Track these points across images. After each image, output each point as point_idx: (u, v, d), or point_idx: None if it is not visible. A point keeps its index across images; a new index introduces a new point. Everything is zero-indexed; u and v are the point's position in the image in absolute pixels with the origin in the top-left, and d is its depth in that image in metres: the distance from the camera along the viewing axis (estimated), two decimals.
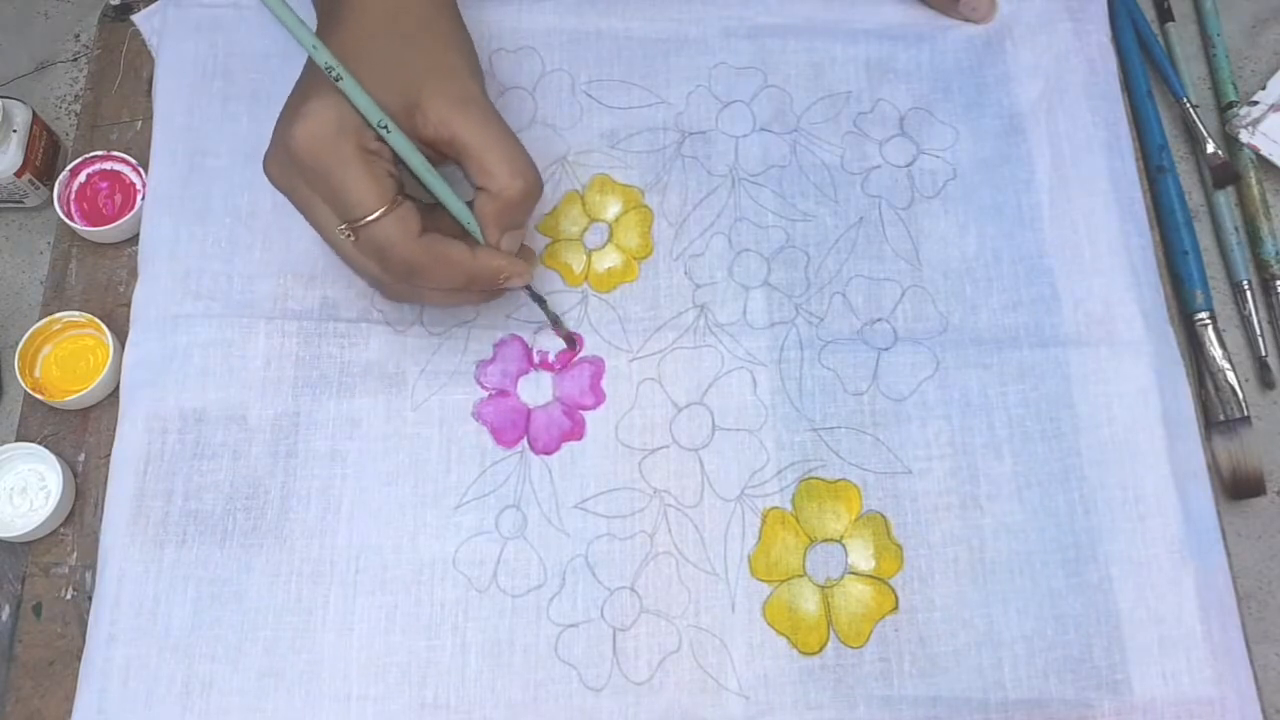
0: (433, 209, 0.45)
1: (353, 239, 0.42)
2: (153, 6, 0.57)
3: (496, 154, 0.43)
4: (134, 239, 0.54)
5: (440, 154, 0.44)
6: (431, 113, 0.43)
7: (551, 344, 0.51)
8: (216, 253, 0.52)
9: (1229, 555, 0.49)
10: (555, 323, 0.50)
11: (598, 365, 0.51)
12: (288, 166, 0.42)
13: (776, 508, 0.48)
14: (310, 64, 0.44)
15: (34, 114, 0.57)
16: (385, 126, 0.42)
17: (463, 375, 0.50)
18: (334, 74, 0.41)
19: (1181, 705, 0.46)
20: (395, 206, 0.42)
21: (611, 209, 0.54)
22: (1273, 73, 0.61)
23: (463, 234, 0.45)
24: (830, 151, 0.55)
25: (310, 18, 0.46)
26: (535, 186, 0.44)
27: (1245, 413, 0.54)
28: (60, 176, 0.54)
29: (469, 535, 0.48)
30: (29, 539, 0.49)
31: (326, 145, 0.41)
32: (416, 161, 0.43)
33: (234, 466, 0.48)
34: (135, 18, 0.57)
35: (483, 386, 0.50)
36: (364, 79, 0.42)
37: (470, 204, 0.45)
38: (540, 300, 0.49)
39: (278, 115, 0.44)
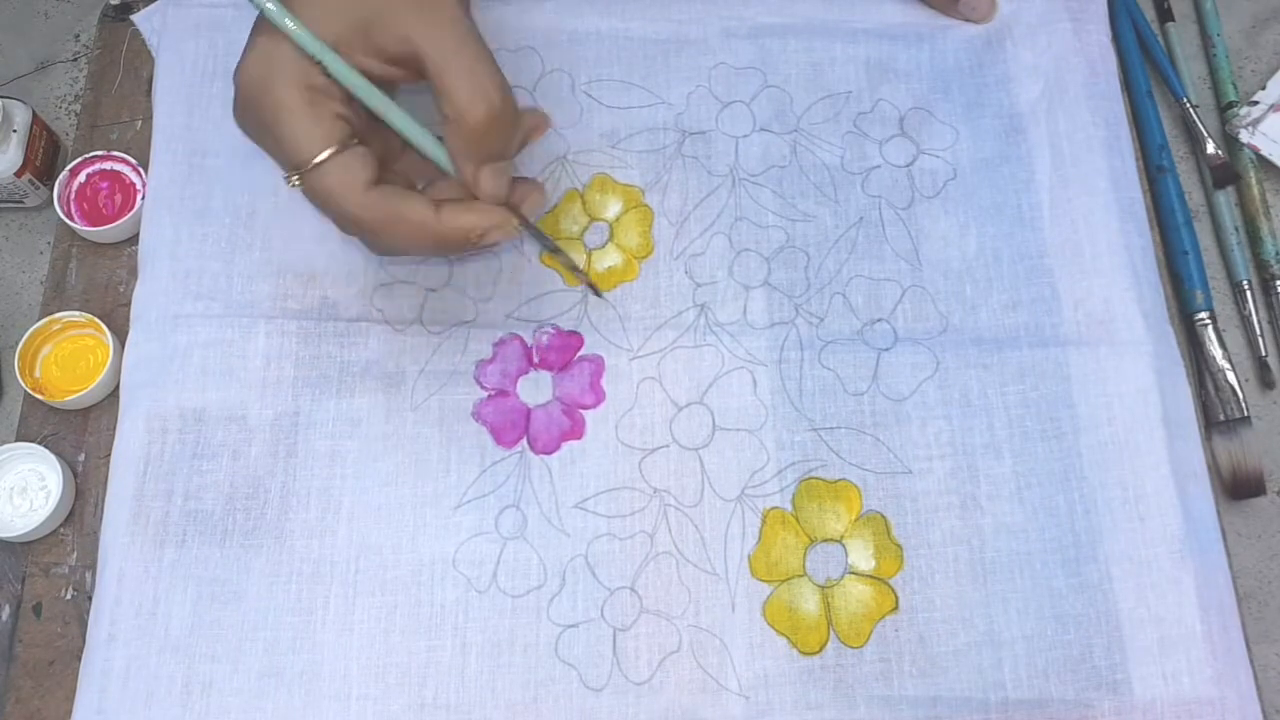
0: (401, 157, 0.41)
1: (300, 186, 0.38)
2: (153, 6, 0.57)
3: (457, 70, 0.37)
4: (134, 239, 0.54)
5: (411, 75, 0.39)
6: (391, 24, 0.38)
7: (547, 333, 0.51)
8: (216, 253, 0.52)
9: (1229, 555, 0.49)
10: (572, 268, 0.47)
11: (597, 364, 0.51)
12: (243, 110, 0.39)
13: (777, 508, 0.48)
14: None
15: (34, 114, 0.57)
16: (321, 55, 0.37)
17: (462, 375, 0.50)
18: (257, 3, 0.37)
19: (1181, 705, 0.46)
20: (340, 151, 0.37)
21: (612, 208, 0.54)
22: (1273, 73, 0.61)
23: (443, 190, 0.41)
24: (830, 151, 0.55)
25: None
26: (502, 108, 0.38)
27: (1245, 413, 0.54)
28: (60, 176, 0.54)
29: (469, 535, 0.48)
30: (29, 539, 0.49)
31: (264, 84, 0.37)
32: (359, 85, 0.38)
33: (234, 466, 0.48)
34: (135, 18, 0.57)
35: (482, 386, 0.50)
36: (321, 3, 0.38)
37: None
38: (548, 243, 0.45)
39: None
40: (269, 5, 0.37)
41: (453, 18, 0.38)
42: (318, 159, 0.37)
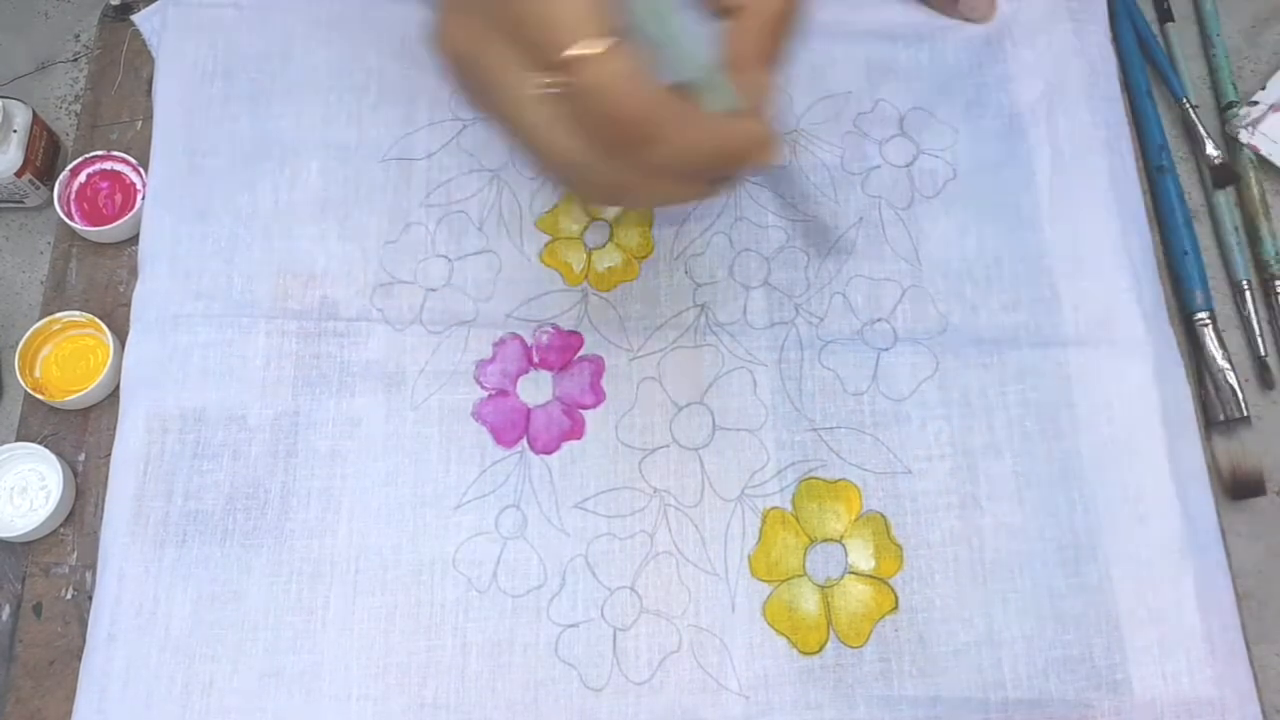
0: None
1: (564, 89, 0.31)
2: (153, 6, 0.57)
3: None
4: (134, 239, 0.54)
5: None
6: None
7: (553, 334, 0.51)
8: (216, 252, 0.52)
9: (1229, 555, 0.49)
10: (804, 205, 0.42)
11: (597, 364, 0.51)
12: (472, 22, 0.33)
13: (776, 507, 0.48)
14: None
15: (34, 114, 0.57)
16: None
17: (462, 375, 0.50)
18: None
19: (1181, 705, 0.46)
20: (619, 43, 0.31)
21: (612, 208, 0.54)
22: (1273, 73, 0.61)
23: None
24: (830, 151, 0.55)
25: None
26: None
27: (1245, 413, 0.54)
28: (60, 176, 0.54)
29: (469, 535, 0.48)
30: (29, 539, 0.49)
31: None
32: None
33: (234, 466, 0.48)
34: (135, 18, 0.57)
35: (482, 386, 0.50)
36: None
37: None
38: (790, 179, 0.41)
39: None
40: None
41: None
42: (600, 46, 0.31)
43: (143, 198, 0.53)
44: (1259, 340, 0.56)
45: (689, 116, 0.32)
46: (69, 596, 0.49)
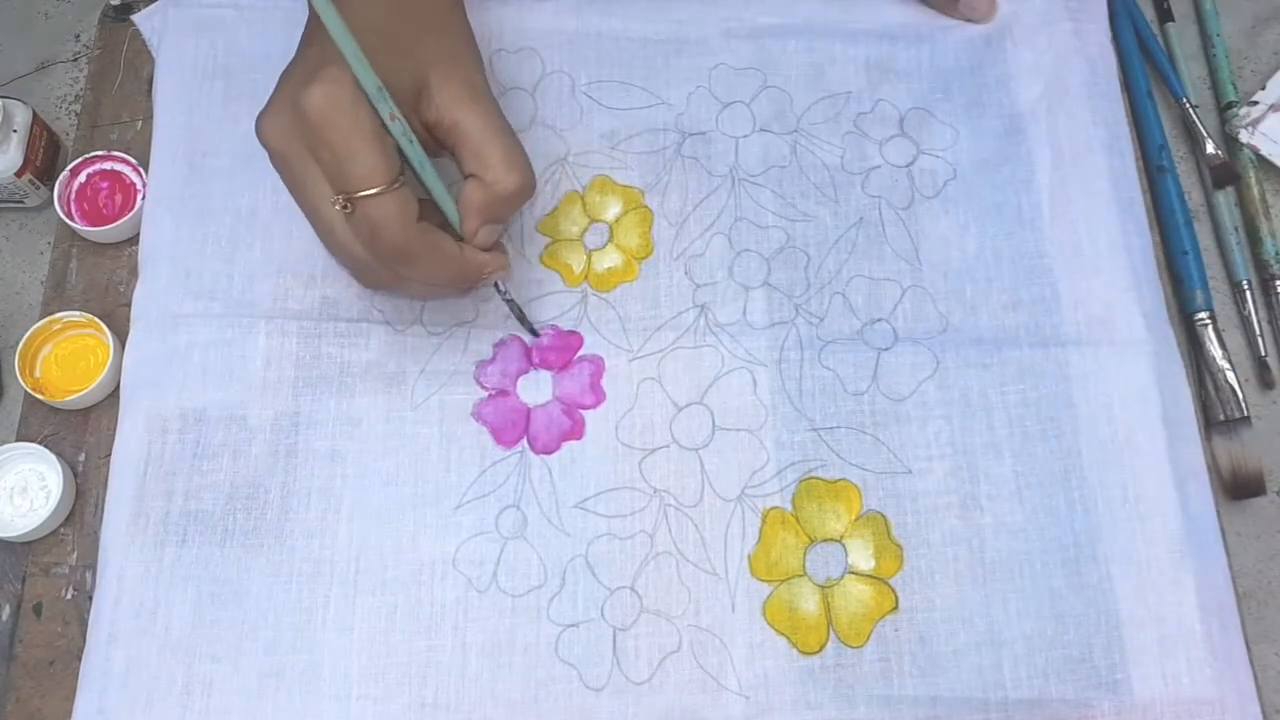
0: (423, 202, 0.44)
1: (348, 211, 0.41)
2: (153, 6, 0.57)
3: (497, 146, 0.43)
4: (134, 239, 0.54)
5: (437, 142, 0.44)
6: (438, 97, 0.42)
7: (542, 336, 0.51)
8: (217, 252, 0.52)
9: (1229, 555, 0.49)
10: (521, 319, 0.50)
11: (598, 364, 0.51)
12: (291, 128, 0.41)
13: (776, 507, 0.48)
14: (321, 33, 0.41)
15: (34, 114, 0.57)
16: (381, 90, 0.40)
17: (462, 375, 0.50)
18: (352, 61, 0.39)
19: (1181, 705, 0.46)
20: (396, 187, 0.41)
21: (612, 209, 0.54)
22: (1273, 73, 0.61)
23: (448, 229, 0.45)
24: (830, 152, 0.55)
25: None
26: (529, 184, 0.44)
27: (1245, 413, 0.54)
28: (60, 176, 0.54)
29: (469, 535, 0.48)
30: (29, 539, 0.49)
31: (343, 109, 0.39)
32: (414, 150, 0.42)
33: (234, 466, 0.48)
34: (135, 18, 0.57)
35: (482, 386, 0.50)
36: (377, 55, 0.40)
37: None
38: (510, 299, 0.49)
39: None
40: (351, 45, 0.39)
41: (492, 101, 0.44)
42: (377, 189, 0.40)
43: (143, 198, 0.53)
44: (1259, 340, 0.56)
45: (435, 249, 0.42)
46: (69, 596, 0.49)
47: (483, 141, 0.43)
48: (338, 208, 0.41)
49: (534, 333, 0.51)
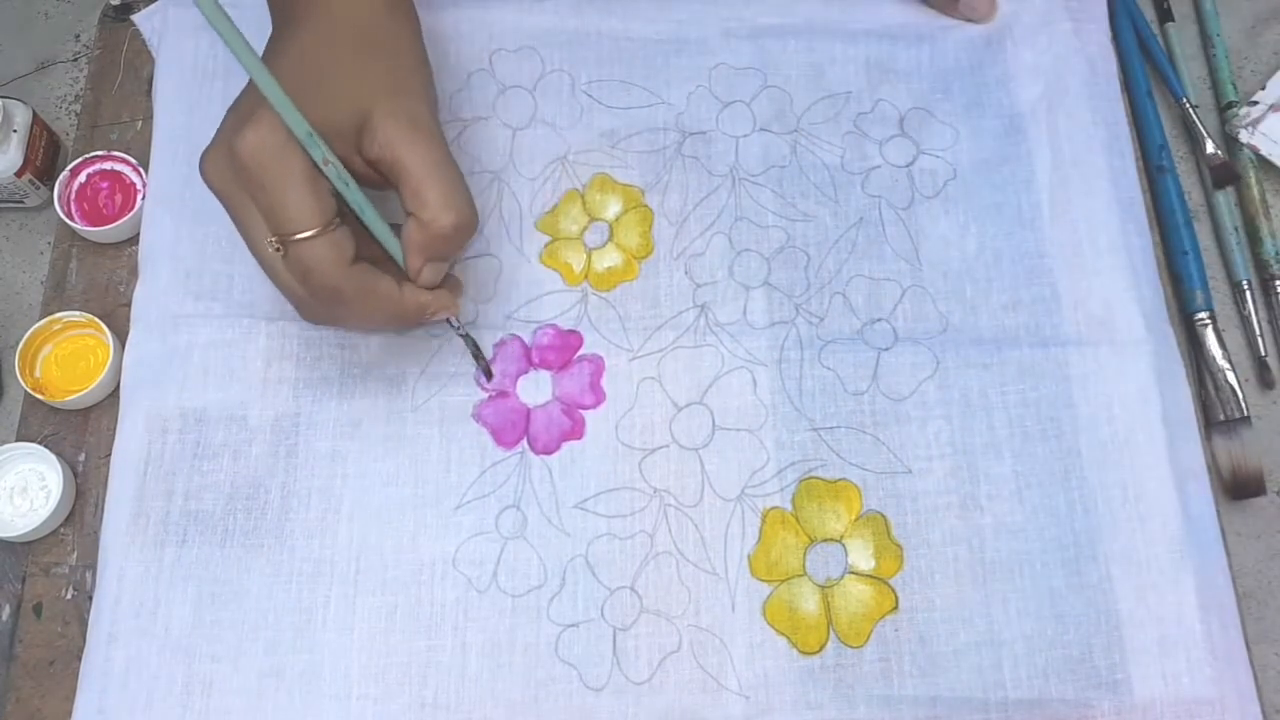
0: (368, 239, 0.44)
1: (282, 254, 0.41)
2: (153, 6, 0.57)
3: (435, 183, 0.42)
4: (134, 239, 0.54)
5: (381, 176, 0.43)
6: (380, 134, 0.41)
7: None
8: (217, 253, 0.52)
9: (1229, 555, 0.49)
10: (476, 356, 0.49)
11: (597, 364, 0.51)
12: (228, 170, 0.41)
13: (776, 507, 0.48)
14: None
15: (34, 114, 0.57)
16: (311, 136, 0.40)
17: (462, 376, 0.50)
18: (276, 103, 0.39)
19: (1181, 705, 0.46)
20: (330, 229, 0.41)
21: (612, 208, 0.54)
22: (1273, 73, 0.61)
23: (392, 265, 0.44)
24: (830, 152, 0.55)
25: (265, 21, 0.46)
26: (468, 222, 0.43)
27: (1245, 413, 0.54)
28: (60, 176, 0.54)
29: (469, 535, 0.48)
30: (29, 539, 0.49)
31: (274, 154, 0.40)
32: (350, 193, 0.42)
33: (234, 467, 0.48)
34: (135, 18, 0.57)
35: (482, 387, 0.50)
36: (317, 91, 0.41)
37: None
38: (465, 335, 0.48)
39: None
40: (277, 93, 0.39)
41: (436, 136, 0.43)
42: (310, 232, 0.40)
43: (143, 198, 0.53)
44: (1259, 340, 0.56)
45: (369, 290, 0.42)
46: (69, 596, 0.49)
47: (421, 178, 0.42)
48: (273, 249, 0.41)
49: (488, 374, 0.50)
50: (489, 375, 0.50)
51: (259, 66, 0.38)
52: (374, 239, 0.44)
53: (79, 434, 0.51)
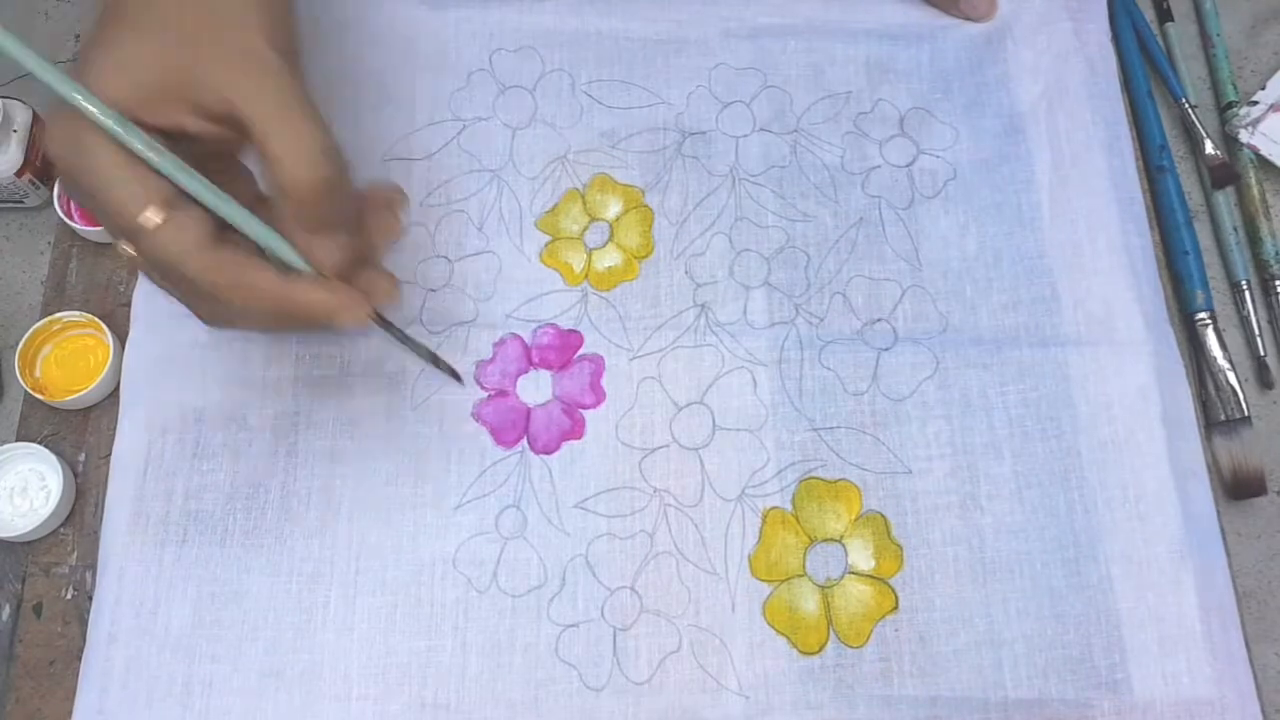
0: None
1: (134, 255, 0.35)
2: None
3: (280, 132, 0.33)
4: None
5: (243, 137, 0.35)
6: (207, 80, 0.33)
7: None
8: None
9: (1229, 555, 0.49)
10: (433, 361, 0.45)
11: (597, 364, 0.51)
12: (64, 182, 0.36)
13: (777, 507, 0.48)
14: (82, 47, 0.36)
15: (34, 114, 0.57)
16: (149, 148, 0.33)
17: (463, 376, 0.50)
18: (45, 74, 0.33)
19: (1181, 705, 0.46)
20: (173, 213, 0.33)
21: (612, 208, 0.54)
22: (1273, 73, 0.61)
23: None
24: (830, 152, 0.55)
25: None
26: (330, 175, 0.34)
27: (1245, 413, 0.54)
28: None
29: (469, 535, 0.48)
30: (29, 539, 0.49)
31: (78, 148, 0.33)
32: (182, 177, 0.34)
33: (234, 466, 0.48)
34: None
35: (482, 387, 0.50)
36: (134, 47, 0.34)
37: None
38: (403, 337, 0.41)
39: None
40: (50, 75, 0.33)
41: (275, 71, 0.34)
42: (151, 223, 0.33)
43: None
44: (1259, 340, 0.56)
45: (239, 280, 0.34)
46: (69, 596, 0.49)
47: (264, 128, 0.33)
48: (127, 252, 0.35)
49: (456, 376, 0.48)
50: (456, 377, 0.48)
51: (31, 56, 0.32)
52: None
53: (79, 434, 0.51)
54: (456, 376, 0.48)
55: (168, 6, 0.35)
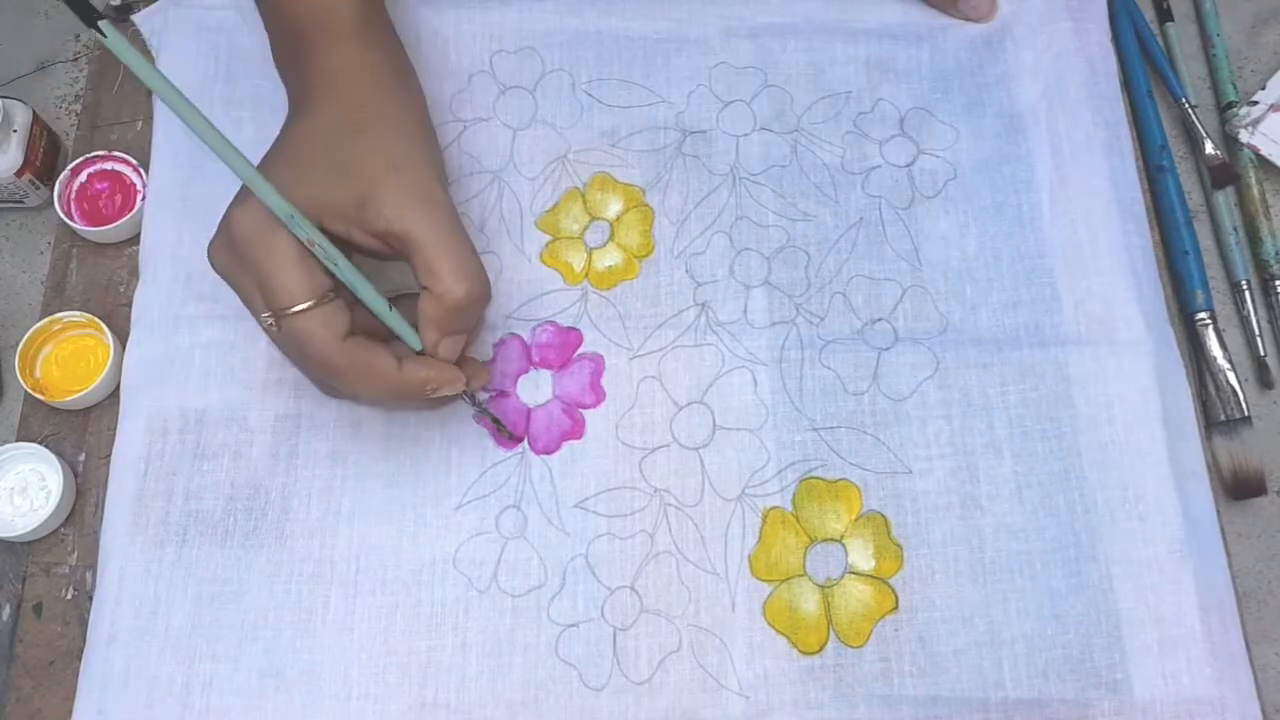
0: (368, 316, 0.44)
1: (275, 328, 0.42)
2: (153, 7, 0.57)
3: (445, 255, 0.42)
4: (134, 239, 0.54)
5: (393, 250, 0.43)
6: (385, 207, 0.41)
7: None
8: None
9: (1229, 555, 0.49)
10: (499, 428, 0.49)
11: (598, 363, 0.51)
12: (228, 249, 0.42)
13: (777, 507, 0.48)
14: (270, 153, 0.44)
15: (34, 114, 0.57)
16: (293, 217, 0.40)
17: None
18: (243, 172, 0.39)
19: (1181, 705, 0.46)
20: (322, 303, 0.41)
21: (612, 207, 0.54)
22: (1273, 73, 0.61)
23: (399, 340, 0.44)
24: (830, 151, 0.55)
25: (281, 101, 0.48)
26: (481, 292, 0.43)
27: (1245, 413, 0.54)
28: (60, 176, 0.54)
29: (469, 535, 0.48)
30: (29, 539, 0.49)
31: (262, 232, 0.41)
32: (339, 269, 0.42)
33: (235, 467, 0.48)
34: (136, 18, 0.57)
35: (485, 389, 0.50)
36: (314, 171, 0.42)
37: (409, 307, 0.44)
38: (482, 408, 0.48)
39: (281, 115, 0.44)
40: (254, 176, 0.39)
41: (444, 207, 0.43)
42: (300, 306, 0.41)
43: (143, 198, 0.53)
44: (1259, 340, 0.56)
45: (364, 366, 0.42)
46: (69, 596, 0.49)
47: (431, 250, 0.41)
48: (269, 324, 0.42)
49: (515, 437, 0.49)
50: (514, 439, 0.49)
51: (233, 152, 0.38)
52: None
53: (79, 434, 0.51)
54: (516, 439, 0.49)
55: (360, 145, 0.43)
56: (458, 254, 0.42)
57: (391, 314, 0.43)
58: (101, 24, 0.34)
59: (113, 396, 0.51)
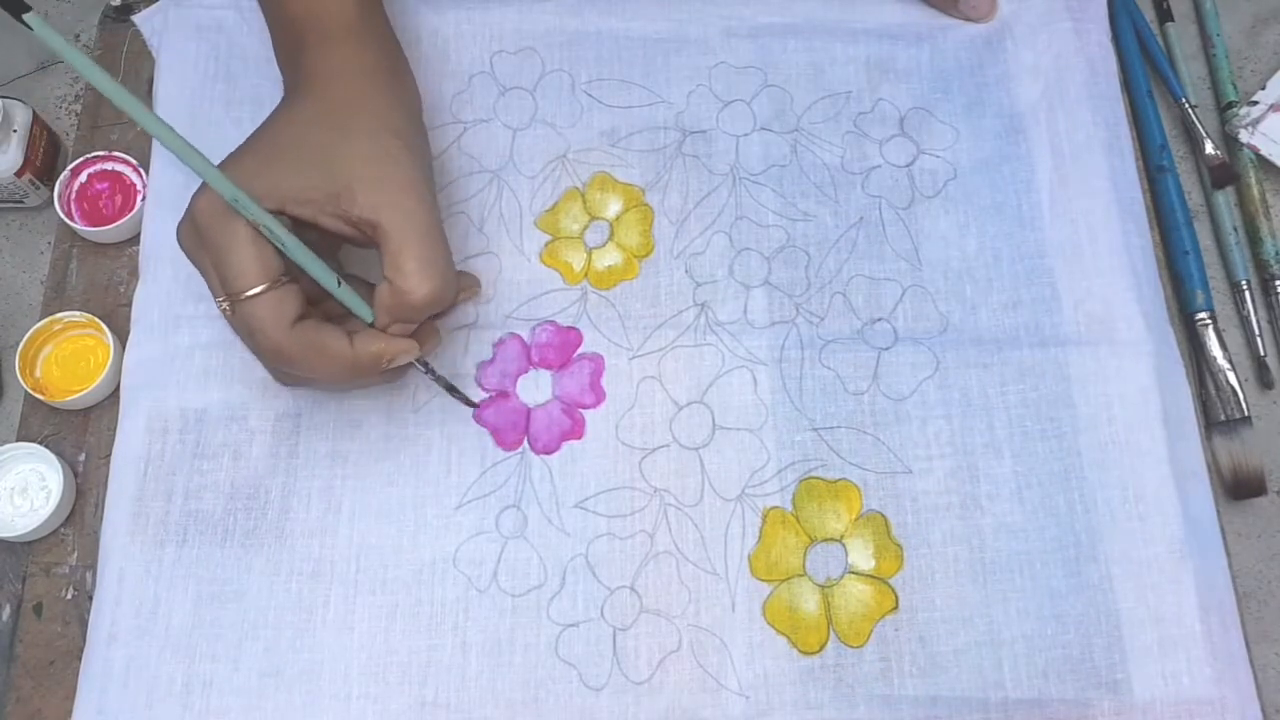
0: (327, 296, 0.44)
1: (229, 312, 0.42)
2: (153, 7, 0.57)
3: (413, 252, 0.42)
4: (134, 239, 0.54)
5: (366, 237, 0.43)
6: (361, 195, 0.42)
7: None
8: None
9: (1229, 555, 0.49)
10: (451, 390, 0.49)
11: (597, 363, 0.51)
12: (192, 232, 0.42)
13: (777, 507, 0.48)
14: (243, 142, 0.44)
15: (34, 114, 0.57)
16: (237, 200, 0.40)
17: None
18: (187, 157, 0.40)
19: (1181, 705, 0.46)
20: (274, 287, 0.41)
21: (612, 207, 0.54)
22: (1273, 73, 0.61)
23: (352, 318, 0.44)
24: (830, 151, 0.55)
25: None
26: (441, 295, 0.43)
27: (1245, 413, 0.54)
28: (61, 176, 0.54)
29: (469, 535, 0.48)
30: (29, 539, 0.49)
31: (221, 214, 0.41)
32: (289, 249, 0.42)
33: (235, 467, 0.48)
34: (136, 18, 0.57)
35: (483, 388, 0.50)
36: (286, 159, 0.42)
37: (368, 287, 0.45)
38: (434, 374, 0.48)
39: None
40: (199, 160, 0.39)
41: (423, 203, 0.43)
42: (252, 291, 0.41)
43: (143, 198, 0.53)
44: (1259, 340, 0.56)
45: (317, 349, 0.42)
46: (69, 596, 0.49)
47: (400, 247, 0.42)
48: (223, 307, 0.42)
49: (471, 403, 0.49)
50: (471, 404, 0.49)
51: (175, 137, 0.39)
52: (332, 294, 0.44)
53: (79, 434, 0.51)
54: (472, 404, 0.49)
55: (341, 137, 0.43)
56: (426, 253, 0.42)
57: (341, 289, 0.43)
58: (27, 16, 0.35)
59: (113, 396, 0.51)
